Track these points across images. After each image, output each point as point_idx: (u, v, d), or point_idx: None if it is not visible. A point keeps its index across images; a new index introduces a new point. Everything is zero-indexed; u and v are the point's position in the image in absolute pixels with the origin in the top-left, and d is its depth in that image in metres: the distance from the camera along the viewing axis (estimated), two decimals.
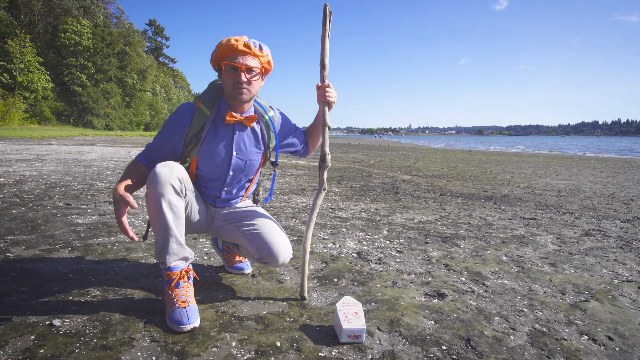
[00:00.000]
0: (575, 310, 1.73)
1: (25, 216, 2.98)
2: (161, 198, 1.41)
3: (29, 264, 1.99)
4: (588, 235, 3.21)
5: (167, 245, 1.45)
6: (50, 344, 1.26)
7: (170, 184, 1.42)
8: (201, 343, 1.31)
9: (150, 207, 1.44)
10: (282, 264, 1.66)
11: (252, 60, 1.55)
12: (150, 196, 1.43)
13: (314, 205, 1.67)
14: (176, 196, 1.45)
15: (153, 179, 1.42)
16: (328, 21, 1.59)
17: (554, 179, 7.69)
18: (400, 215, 3.72)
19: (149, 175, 1.44)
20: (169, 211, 1.43)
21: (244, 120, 1.64)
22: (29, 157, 8.01)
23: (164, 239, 1.45)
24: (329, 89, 1.63)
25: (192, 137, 1.59)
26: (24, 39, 33.14)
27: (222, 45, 1.53)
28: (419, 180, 6.78)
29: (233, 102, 1.61)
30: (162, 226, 1.43)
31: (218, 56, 1.56)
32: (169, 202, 1.42)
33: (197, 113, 1.60)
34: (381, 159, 12.73)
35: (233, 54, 1.53)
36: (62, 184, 4.63)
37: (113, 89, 43.07)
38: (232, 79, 1.55)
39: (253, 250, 1.65)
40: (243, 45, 1.52)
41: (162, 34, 61.50)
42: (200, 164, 1.64)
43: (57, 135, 20.35)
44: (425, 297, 1.80)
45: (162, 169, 1.43)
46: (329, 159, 1.65)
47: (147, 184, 1.45)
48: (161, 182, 1.41)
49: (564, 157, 18.25)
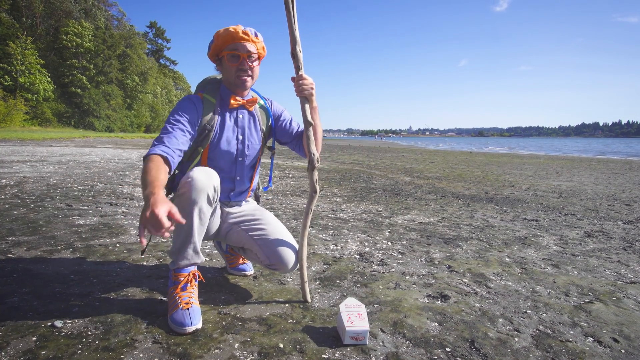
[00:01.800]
0: (580, 312, 1.71)
1: (27, 217, 2.98)
2: (194, 205, 1.39)
3: (31, 265, 1.98)
4: (591, 236, 3.20)
5: (184, 250, 1.45)
6: (52, 345, 1.25)
7: (206, 192, 1.40)
8: (204, 345, 1.30)
9: (179, 209, 1.34)
10: (291, 270, 1.66)
11: (252, 46, 1.58)
12: (182, 199, 1.40)
13: (307, 211, 1.61)
14: (207, 205, 1.43)
15: (191, 184, 1.38)
16: (291, 4, 1.46)
17: (555, 181, 7.68)
18: (402, 216, 3.71)
19: (187, 178, 1.40)
20: (197, 218, 1.41)
21: (246, 104, 1.67)
22: (30, 158, 8.01)
23: (184, 243, 1.44)
24: (302, 81, 1.54)
25: (207, 124, 1.60)
26: (25, 41, 33.23)
27: (220, 35, 1.55)
28: (420, 182, 6.77)
29: (235, 89, 1.65)
30: (186, 231, 1.43)
31: (218, 46, 1.58)
32: (200, 209, 1.41)
33: (204, 102, 1.62)
34: (382, 160, 12.73)
35: (233, 42, 1.56)
36: (63, 185, 4.63)
37: (114, 91, 43.13)
38: (235, 67, 1.57)
39: (263, 257, 1.64)
40: (242, 33, 1.55)
41: (163, 36, 61.62)
42: (212, 153, 1.63)
43: (58, 136, 20.37)
44: (429, 298, 1.79)
45: (200, 176, 1.40)
46: (315, 159, 1.56)
47: (182, 186, 1.41)
48: (198, 189, 1.38)
49: (566, 158, 18.23)
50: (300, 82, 1.54)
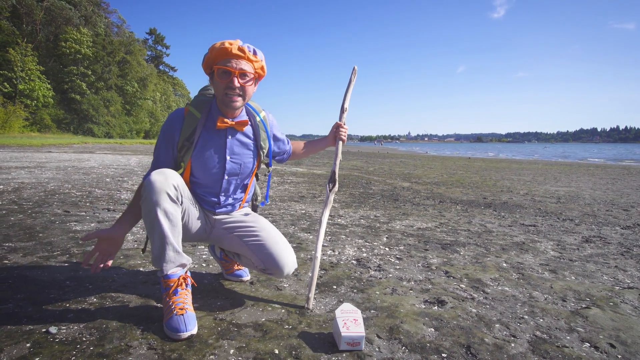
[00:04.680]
0: (577, 317, 1.71)
1: (24, 223, 2.97)
2: (156, 206, 1.39)
3: (27, 271, 1.98)
4: (588, 241, 3.20)
5: (163, 253, 1.44)
6: (46, 351, 1.25)
7: (165, 191, 1.40)
8: (199, 350, 1.30)
9: (145, 215, 1.43)
10: (286, 275, 1.64)
11: (246, 65, 1.53)
12: (145, 205, 1.41)
13: (322, 221, 1.81)
14: (172, 204, 1.43)
15: (148, 187, 1.40)
16: (353, 77, 1.98)
17: (553, 186, 7.70)
18: (400, 222, 3.71)
19: (144, 183, 1.43)
20: (164, 219, 1.41)
21: (235, 125, 1.61)
22: (29, 164, 8.00)
23: (161, 247, 1.44)
24: (342, 129, 1.93)
25: (185, 141, 1.57)
26: (25, 47, 33.37)
27: (215, 48, 1.50)
28: (419, 187, 6.78)
29: (223, 109, 1.59)
30: (158, 234, 1.42)
31: (210, 59, 1.52)
32: (164, 210, 1.41)
33: (187, 117, 1.59)
34: (380, 166, 12.74)
35: (226, 57, 1.50)
36: (61, 191, 4.62)
37: (113, 97, 43.23)
38: (224, 83, 1.51)
39: (257, 261, 1.63)
40: (237, 49, 1.49)
41: (163, 43, 61.93)
42: (194, 169, 1.62)
43: (57, 142, 20.37)
44: (425, 304, 1.79)
45: (156, 177, 1.41)
46: (336, 186, 1.91)
47: (142, 192, 1.43)
48: (156, 190, 1.39)
49: (564, 164, 18.29)
50: (342, 130, 1.93)
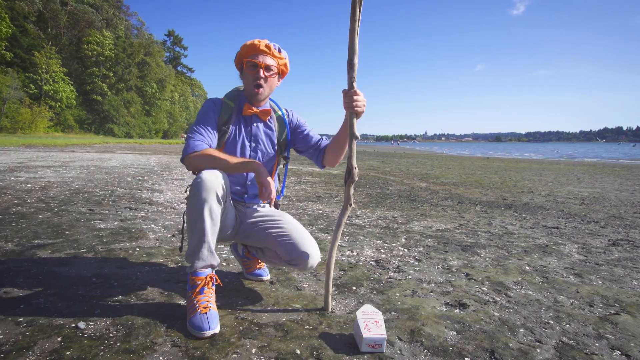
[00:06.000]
0: (605, 323, 1.66)
1: (51, 221, 3.07)
2: (204, 204, 1.44)
3: (55, 267, 2.04)
4: (615, 245, 3.09)
5: (199, 250, 1.48)
6: (75, 346, 1.28)
7: (215, 191, 1.45)
8: (221, 349, 1.31)
9: (190, 210, 1.47)
10: (310, 267, 1.66)
11: (271, 60, 1.71)
12: (193, 200, 1.46)
13: (339, 222, 1.60)
14: (217, 204, 1.47)
15: (199, 185, 1.44)
16: (358, 9, 1.34)
17: (576, 187, 7.48)
18: (418, 223, 3.67)
19: (195, 180, 1.47)
20: (208, 217, 1.45)
21: (259, 113, 1.77)
22: (54, 163, 8.27)
23: (198, 243, 1.47)
24: (357, 97, 1.47)
25: (222, 126, 1.71)
26: (50, 50, 34.55)
27: (246, 45, 1.71)
28: (436, 188, 6.70)
29: (250, 98, 1.76)
30: (199, 231, 1.46)
31: (241, 54, 1.73)
32: (210, 208, 1.45)
33: (223, 105, 1.75)
34: (397, 166, 12.64)
35: (254, 52, 1.70)
36: (85, 190, 4.76)
37: (133, 98, 44.31)
38: (252, 75, 1.69)
39: (283, 253, 1.65)
40: (264, 46, 1.69)
41: (181, 44, 63.04)
42: (226, 152, 1.70)
43: (79, 142, 21.00)
44: (446, 306, 1.76)
45: (208, 176, 1.46)
46: (356, 173, 1.52)
47: (191, 188, 1.49)
48: (207, 189, 1.44)
49: (587, 164, 17.75)
50: (355, 98, 1.47)
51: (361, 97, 1.48)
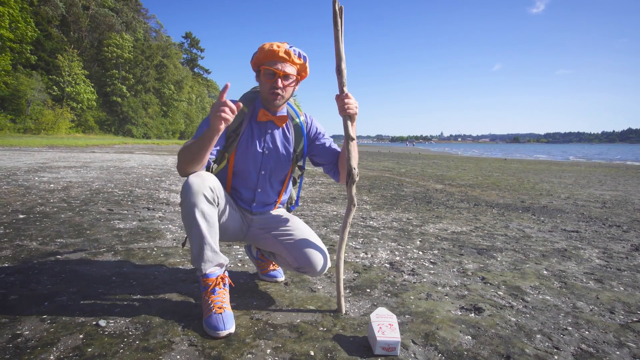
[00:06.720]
0: (627, 331, 1.62)
1: (73, 220, 3.17)
2: (194, 207, 1.46)
3: (77, 266, 2.11)
4: (638, 250, 3.00)
5: (202, 253, 1.50)
6: (97, 343, 1.33)
7: (202, 193, 1.46)
8: (237, 349, 1.34)
9: (184, 216, 1.49)
10: (319, 273, 1.67)
11: (290, 68, 1.62)
12: (184, 206, 1.48)
13: (345, 224, 1.62)
14: (209, 205, 1.49)
15: (186, 190, 1.47)
16: (340, 19, 1.46)
17: (597, 190, 7.27)
18: (433, 225, 3.64)
19: (182, 186, 1.49)
20: (202, 220, 1.47)
21: (275, 120, 1.70)
22: (75, 164, 8.51)
23: (199, 247, 1.50)
24: (348, 100, 1.53)
25: (232, 132, 1.67)
26: (72, 53, 35.60)
27: (264, 49, 1.59)
28: (452, 190, 6.62)
29: (266, 104, 1.69)
30: (197, 235, 1.48)
31: (259, 59, 1.62)
32: (201, 211, 1.47)
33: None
34: (412, 167, 12.54)
35: (273, 59, 1.59)
36: (104, 190, 4.89)
37: (151, 99, 45.21)
38: (269, 83, 1.61)
39: (291, 260, 1.67)
40: (284, 52, 1.58)
41: (197, 46, 63.94)
42: (237, 159, 1.70)
43: (99, 143, 21.54)
44: (462, 310, 1.75)
45: (194, 179, 1.48)
46: (355, 174, 1.58)
47: (180, 194, 1.51)
48: (194, 192, 1.45)
49: (609, 166, 17.23)
50: (345, 101, 1.53)
51: (352, 100, 1.55)
